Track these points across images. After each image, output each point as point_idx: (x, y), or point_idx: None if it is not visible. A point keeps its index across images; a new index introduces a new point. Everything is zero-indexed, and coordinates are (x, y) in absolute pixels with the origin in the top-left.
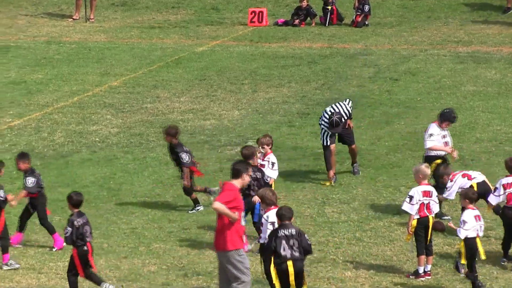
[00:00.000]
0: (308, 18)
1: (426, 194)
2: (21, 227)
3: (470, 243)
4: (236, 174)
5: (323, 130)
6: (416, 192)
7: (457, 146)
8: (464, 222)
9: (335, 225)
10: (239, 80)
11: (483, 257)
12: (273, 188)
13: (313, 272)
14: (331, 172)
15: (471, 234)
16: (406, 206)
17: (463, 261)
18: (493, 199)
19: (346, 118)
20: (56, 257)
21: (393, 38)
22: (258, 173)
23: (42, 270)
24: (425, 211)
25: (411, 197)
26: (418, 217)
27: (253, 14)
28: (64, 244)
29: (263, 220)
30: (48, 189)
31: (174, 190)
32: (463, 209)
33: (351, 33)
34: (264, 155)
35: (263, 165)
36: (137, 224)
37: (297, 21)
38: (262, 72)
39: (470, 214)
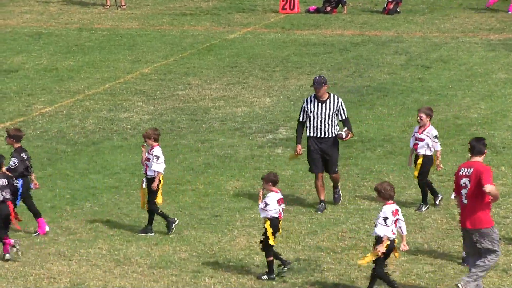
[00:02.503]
0: (340, 5)
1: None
2: (35, 214)
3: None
4: (479, 151)
5: None
6: None
7: (489, 134)
8: None
9: (366, 213)
10: (270, 67)
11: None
12: (161, 183)
13: (344, 259)
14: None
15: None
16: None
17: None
18: None
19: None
20: (87, 244)
21: (424, 26)
22: None
23: (72, 257)
24: None
25: None
26: None
27: (285, 1)
28: (47, 229)
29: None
30: (80, 176)
31: (205, 177)
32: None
33: (383, 20)
34: (150, 148)
35: (148, 159)
36: (168, 211)
37: (328, 8)
38: (294, 59)
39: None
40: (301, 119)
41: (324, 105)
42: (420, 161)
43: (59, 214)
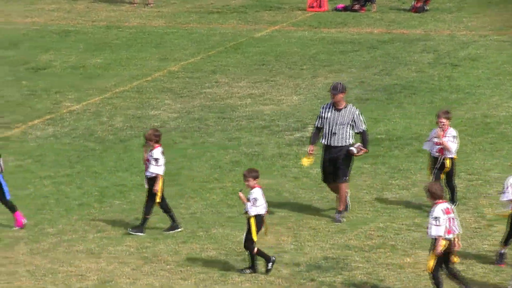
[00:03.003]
0: (368, 3)
1: None
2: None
3: None
4: None
5: None
6: None
7: None
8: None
9: (395, 211)
10: (298, 65)
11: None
12: (161, 184)
13: (372, 257)
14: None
15: None
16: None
17: None
18: None
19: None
20: (115, 242)
21: (452, 24)
22: None
23: (101, 255)
24: None
25: None
26: None
27: None
28: (25, 221)
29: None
30: (108, 174)
31: (233, 175)
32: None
33: (411, 18)
34: (151, 150)
35: (148, 160)
36: (196, 209)
37: (356, 6)
38: (321, 57)
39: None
40: (317, 125)
41: (339, 113)
42: (448, 164)
43: (88, 212)
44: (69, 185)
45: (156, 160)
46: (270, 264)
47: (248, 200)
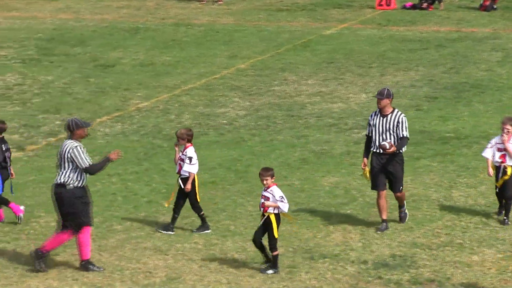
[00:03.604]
0: (436, 2)
1: None
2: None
3: None
4: None
5: None
6: None
7: None
8: None
9: (462, 209)
10: (366, 64)
11: None
12: (197, 183)
13: (439, 256)
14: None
15: None
16: None
17: None
18: None
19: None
20: (183, 239)
21: None
22: None
23: (168, 252)
24: None
25: None
26: None
27: None
28: (23, 209)
29: None
30: (175, 171)
31: (301, 172)
32: None
33: (479, 17)
34: (184, 148)
35: (182, 159)
36: None
37: (425, 5)
38: (390, 55)
39: None
40: (367, 133)
41: (385, 119)
42: (509, 172)
43: (156, 209)
44: (137, 182)
45: (190, 158)
46: (271, 271)
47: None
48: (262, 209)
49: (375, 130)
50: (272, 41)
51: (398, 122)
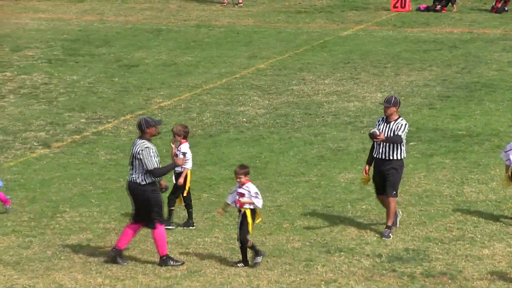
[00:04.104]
0: (449, 4)
1: None
2: None
3: None
4: None
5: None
6: None
7: None
8: None
9: (474, 205)
10: (382, 64)
11: None
12: (189, 179)
13: (451, 249)
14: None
15: None
16: None
17: None
18: None
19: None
20: (204, 233)
21: None
22: None
23: (189, 246)
24: None
25: None
26: None
27: None
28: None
29: None
30: (197, 168)
31: (318, 169)
32: None
33: (491, 18)
34: (179, 144)
35: (177, 155)
36: (282, 202)
37: (438, 7)
38: (405, 56)
39: None
40: None
41: (389, 126)
42: None
43: (177, 204)
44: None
45: (184, 154)
46: (259, 258)
47: (244, 196)
48: (237, 205)
49: None
50: (291, 42)
51: (398, 127)
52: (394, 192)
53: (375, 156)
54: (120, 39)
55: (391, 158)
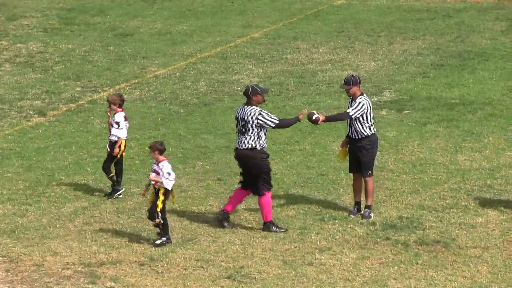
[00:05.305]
0: None
1: None
2: None
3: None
4: None
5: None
6: None
7: None
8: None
9: (467, 173)
10: (375, 33)
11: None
12: (123, 148)
13: (445, 217)
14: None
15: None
16: None
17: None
18: None
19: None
20: (198, 201)
21: None
22: None
23: (184, 214)
24: None
25: None
26: None
27: None
28: None
29: None
30: (192, 136)
31: (312, 137)
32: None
33: None
34: (114, 113)
35: (111, 124)
36: (276, 170)
37: None
38: (398, 25)
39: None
40: None
41: (351, 104)
42: None
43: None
44: None
45: (118, 123)
46: (161, 240)
47: (156, 173)
48: (152, 182)
49: None
50: (285, 11)
51: (355, 104)
52: (369, 172)
53: (348, 135)
54: (115, 8)
55: (359, 136)
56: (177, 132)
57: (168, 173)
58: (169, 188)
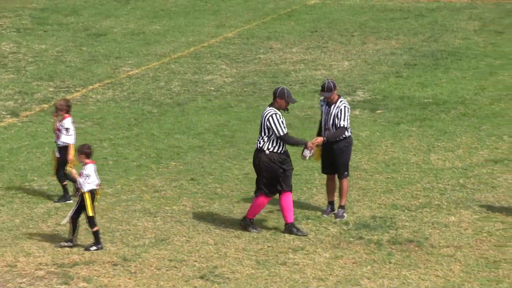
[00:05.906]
0: None
1: None
2: None
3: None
4: None
5: None
6: None
7: None
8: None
9: (440, 172)
10: (349, 32)
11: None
12: (72, 153)
13: (418, 217)
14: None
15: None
16: None
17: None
18: None
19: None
20: (172, 201)
21: None
22: None
23: (157, 214)
24: None
25: None
26: None
27: None
28: None
29: None
30: (165, 136)
31: None
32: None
33: None
34: (62, 119)
35: (59, 129)
36: (249, 170)
37: None
38: (371, 24)
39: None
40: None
41: (329, 109)
42: None
43: (145, 173)
44: (127, 147)
45: (67, 129)
46: (94, 248)
47: (81, 175)
48: (76, 186)
49: (323, 118)
50: (258, 10)
51: (338, 111)
52: (346, 173)
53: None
54: (88, 8)
55: (337, 139)
56: (150, 132)
57: (87, 176)
58: (84, 190)
